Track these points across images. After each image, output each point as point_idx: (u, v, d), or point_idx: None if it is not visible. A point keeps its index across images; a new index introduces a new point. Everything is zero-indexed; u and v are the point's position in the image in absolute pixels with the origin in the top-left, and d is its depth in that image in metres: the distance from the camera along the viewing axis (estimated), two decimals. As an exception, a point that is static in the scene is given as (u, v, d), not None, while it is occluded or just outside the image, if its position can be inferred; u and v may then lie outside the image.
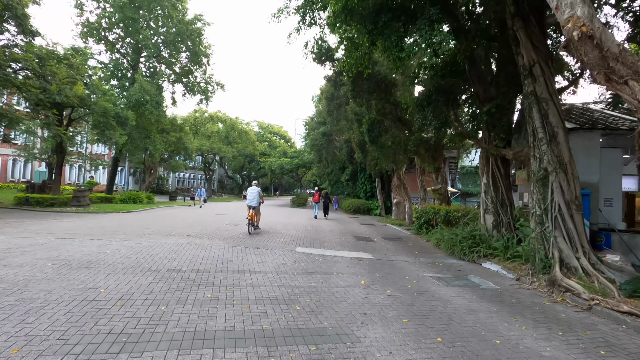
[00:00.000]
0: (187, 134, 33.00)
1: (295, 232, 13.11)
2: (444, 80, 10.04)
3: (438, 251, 10.98)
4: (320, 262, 8.14)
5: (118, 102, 23.28)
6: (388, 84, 15.92)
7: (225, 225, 13.79)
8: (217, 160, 55.83)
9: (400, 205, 22.16)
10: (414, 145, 14.81)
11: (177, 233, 10.94)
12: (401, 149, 16.03)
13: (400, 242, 12.62)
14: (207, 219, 16.18)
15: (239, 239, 10.57)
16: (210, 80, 30.79)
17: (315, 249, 9.85)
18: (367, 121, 15.93)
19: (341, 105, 22.23)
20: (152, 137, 25.44)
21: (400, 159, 18.95)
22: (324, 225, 16.81)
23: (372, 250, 10.52)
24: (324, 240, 11.82)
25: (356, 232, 14.84)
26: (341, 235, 13.56)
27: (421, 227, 14.91)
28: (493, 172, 9.66)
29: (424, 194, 17.81)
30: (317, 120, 34.87)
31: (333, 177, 42.15)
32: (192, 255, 7.79)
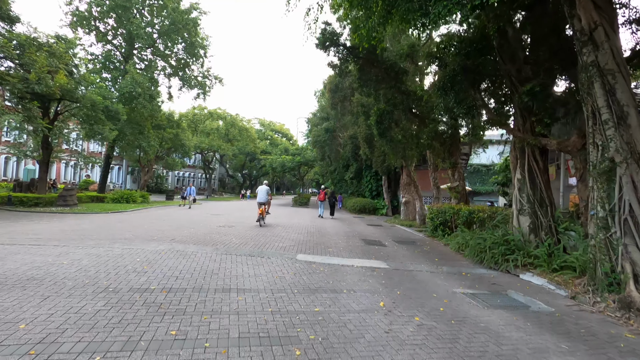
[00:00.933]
0: (184, 130, 31.64)
1: (297, 235, 11.67)
2: (469, 59, 8.55)
3: (461, 258, 9.51)
4: (326, 274, 6.70)
5: (109, 95, 21.92)
6: (398, 71, 14.43)
7: (218, 228, 12.37)
8: (217, 158, 54.49)
9: (409, 205, 20.68)
10: (428, 138, 13.34)
11: (160, 237, 9.52)
12: (413, 143, 14.55)
13: (415, 247, 11.16)
14: (199, 220, 14.77)
15: (231, 244, 9.14)
16: (208, 73, 29.41)
17: (320, 256, 8.41)
18: (375, 112, 14.47)
19: (346, 98, 20.77)
20: (145, 132, 24.07)
21: (411, 154, 17.47)
22: (328, 227, 15.37)
23: (385, 257, 9.06)
24: (329, 244, 10.37)
25: (364, 235, 13.39)
26: (348, 238, 12.11)
27: (436, 229, 13.45)
28: (530, 165, 8.16)
29: (437, 192, 16.33)
30: (320, 115, 33.42)
31: (336, 175, 40.68)
32: (169, 266, 6.36)
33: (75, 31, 23.41)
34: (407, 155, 17.34)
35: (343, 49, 15.01)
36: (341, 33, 15.09)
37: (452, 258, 9.52)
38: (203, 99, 29.10)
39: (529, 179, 8.15)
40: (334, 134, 31.72)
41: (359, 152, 28.49)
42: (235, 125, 44.24)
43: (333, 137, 31.99)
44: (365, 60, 14.80)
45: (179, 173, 57.30)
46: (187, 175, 59.60)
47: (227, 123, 43.84)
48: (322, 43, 14.97)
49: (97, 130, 19.15)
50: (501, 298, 5.99)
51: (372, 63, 14.73)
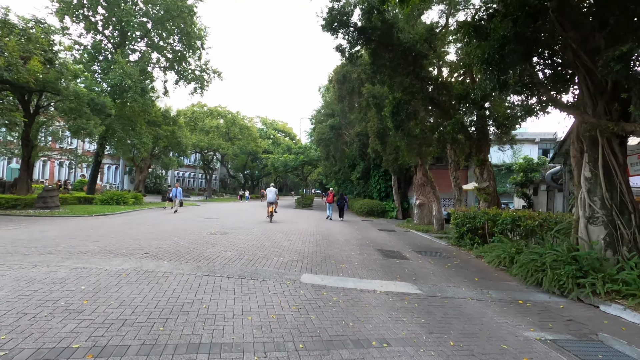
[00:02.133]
0: (181, 127, 29.88)
1: (301, 246, 9.81)
2: (519, 26, 6.66)
3: (506, 277, 7.61)
4: (343, 309, 4.84)
5: (97, 87, 20.21)
6: (417, 55, 12.56)
7: (209, 236, 10.52)
8: (218, 158, 52.78)
9: (424, 207, 18.77)
10: (453, 130, 11.45)
11: (131, 250, 7.70)
12: (433, 138, 12.67)
13: (442, 260, 9.27)
14: (189, 226, 12.95)
15: (219, 259, 7.29)
16: (206, 67, 27.63)
17: (331, 277, 6.54)
18: (390, 102, 12.60)
19: (354, 90, 18.92)
20: (137, 129, 22.32)
21: (428, 150, 15.59)
22: (336, 233, 13.51)
23: (412, 275, 7.19)
24: (340, 257, 8.50)
25: (378, 243, 11.51)
26: (361, 247, 10.24)
27: (462, 237, 11.55)
28: (605, 160, 6.25)
29: (459, 194, 14.43)
30: (325, 112, 31.57)
31: (340, 175, 38.78)
32: (122, 300, 4.52)
33: (62, 20, 21.73)
34: (423, 152, 15.47)
35: (353, 31, 13.20)
36: (351, 12, 13.30)
37: (494, 276, 7.62)
38: (200, 93, 27.37)
39: (604, 178, 6.23)
40: (339, 131, 29.84)
41: (366, 151, 26.61)
42: (236, 123, 42.50)
43: (338, 135, 30.11)
44: (378, 43, 12.96)
45: (179, 173, 55.67)
46: (187, 175, 57.96)
47: (228, 121, 42.11)
48: (330, 24, 13.15)
49: (81, 126, 17.41)
50: (599, 349, 4.10)
51: (386, 46, 12.89)
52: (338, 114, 28.59)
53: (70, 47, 21.38)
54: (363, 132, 25.88)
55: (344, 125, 30.32)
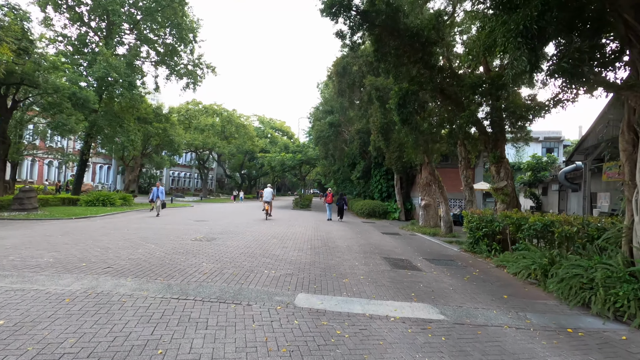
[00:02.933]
0: (173, 125, 28.63)
1: (297, 254, 8.59)
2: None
3: (539, 293, 6.41)
4: (349, 349, 3.62)
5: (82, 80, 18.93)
6: (425, 41, 11.35)
7: (192, 242, 9.29)
8: (214, 157, 51.53)
9: (430, 209, 17.58)
10: (466, 124, 10.26)
11: (93, 263, 6.47)
12: (444, 133, 11.48)
13: (458, 270, 8.07)
14: (172, 230, 11.72)
15: (196, 274, 6.07)
16: (199, 62, 26.39)
17: (332, 297, 5.33)
18: (396, 94, 11.39)
19: (355, 84, 17.73)
20: (125, 126, 21.05)
21: (436, 147, 14.42)
22: (336, 237, 12.30)
23: (429, 292, 5.99)
24: (343, 269, 7.30)
25: (384, 249, 10.31)
26: (365, 256, 9.04)
27: (477, 243, 10.36)
28: (670, 153, 5.06)
29: (470, 194, 13.24)
30: (324, 109, 30.36)
31: (340, 175, 37.55)
32: (46, 343, 3.29)
33: (44, 9, 20.45)
34: (430, 148, 14.28)
35: (355, 15, 11.99)
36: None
37: (525, 293, 6.42)
38: (193, 89, 26.11)
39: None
40: (338, 129, 28.64)
41: (367, 149, 25.42)
42: (232, 121, 41.25)
43: (338, 132, 28.91)
44: (382, 28, 11.76)
45: (174, 173, 54.39)
46: (182, 175, 56.69)
47: (224, 119, 40.85)
48: (329, 7, 11.93)
49: (62, 121, 16.14)
50: None
51: (391, 32, 11.68)
52: (337, 110, 27.39)
53: (54, 39, 20.12)
54: (364, 130, 24.68)
55: (344, 122, 29.12)
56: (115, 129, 20.98)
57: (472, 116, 10.03)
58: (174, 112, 39.81)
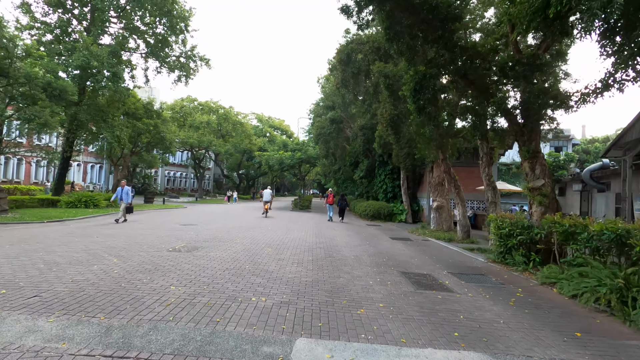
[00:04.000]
0: (165, 121, 26.97)
1: (295, 270, 6.94)
2: None
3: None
4: None
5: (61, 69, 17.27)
6: (446, 18, 9.73)
7: (168, 254, 7.63)
8: (211, 157, 49.87)
9: (443, 211, 15.94)
10: (496, 112, 8.64)
11: (17, 289, 4.82)
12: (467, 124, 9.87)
13: (498, 291, 6.44)
14: (150, 237, 10.06)
15: (155, 307, 4.41)
16: (192, 54, 24.74)
17: (346, 345, 3.68)
18: (411, 78, 9.75)
19: (360, 72, 16.12)
20: (109, 120, 19.40)
21: (453, 142, 12.81)
22: (340, 244, 10.66)
23: (476, 330, 4.35)
24: (355, 291, 5.66)
25: (399, 260, 8.68)
26: (379, 270, 7.41)
27: (509, 253, 8.74)
28: None
29: (493, 195, 11.59)
30: (325, 104, 28.73)
31: (340, 175, 35.97)
32: None
33: (21, -6, 18.79)
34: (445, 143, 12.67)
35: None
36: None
37: (600, 328, 4.78)
38: (185, 82, 24.44)
39: None
40: (340, 125, 27.02)
41: (371, 147, 23.81)
42: (229, 119, 39.57)
43: (339, 129, 27.29)
44: (395, 3, 10.14)
45: (169, 172, 52.70)
46: (178, 175, 54.97)
47: (220, 117, 39.16)
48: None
49: (34, 114, 14.49)
50: None
51: (405, 7, 10.06)
52: (339, 106, 25.76)
53: (30, 25, 18.47)
54: (368, 125, 23.06)
55: (346, 119, 27.50)
56: (98, 124, 19.32)
57: (503, 103, 8.41)
58: (168, 109, 38.24)
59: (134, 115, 24.67)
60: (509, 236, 8.71)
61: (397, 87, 13.18)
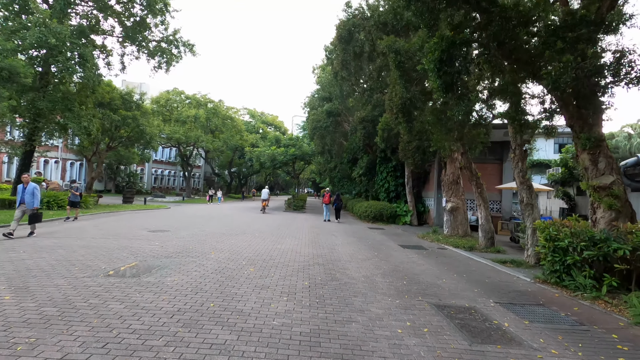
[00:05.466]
0: (146, 114, 24.48)
1: (284, 309, 4.70)
2: None
3: None
4: None
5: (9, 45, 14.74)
6: (478, -31, 7.59)
7: (102, 282, 5.32)
8: (201, 154, 47.34)
9: (458, 213, 13.85)
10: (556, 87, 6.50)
11: None
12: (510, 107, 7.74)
13: (588, 341, 4.28)
14: (94, 250, 7.75)
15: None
16: (174, 38, 22.27)
17: None
18: (436, 46, 7.54)
19: (362, 54, 13.92)
20: (76, 110, 16.93)
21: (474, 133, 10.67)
22: (344, 257, 8.46)
23: None
24: (378, 354, 3.47)
25: (424, 282, 6.51)
26: (404, 303, 5.23)
27: (568, 272, 6.63)
28: None
29: (528, 195, 9.47)
30: (321, 95, 26.47)
31: (337, 173, 33.76)
32: None
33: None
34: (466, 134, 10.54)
35: None
36: None
37: None
38: (166, 70, 21.94)
39: None
40: (337, 118, 24.81)
41: (371, 142, 21.66)
42: (219, 113, 37.07)
43: (337, 123, 25.08)
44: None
45: (156, 170, 50.06)
46: (165, 173, 52.32)
47: (209, 111, 36.64)
48: None
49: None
50: None
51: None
52: (337, 97, 23.53)
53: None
54: (369, 118, 20.91)
55: (344, 111, 25.29)
56: (63, 112, 16.86)
57: (562, 76, 6.25)
58: (153, 102, 35.70)
59: (110, 105, 22.18)
60: (568, 250, 6.60)
61: (410, 65, 10.99)
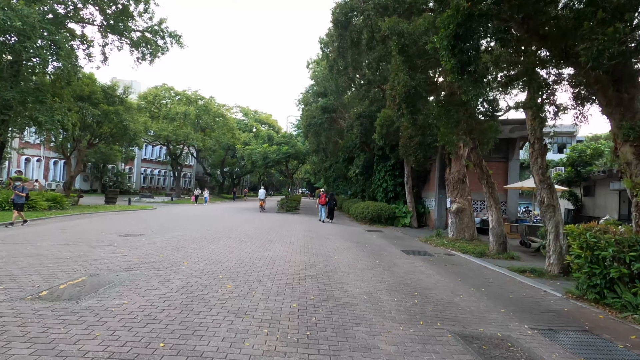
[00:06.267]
0: (130, 109, 23.06)
1: (261, 349, 3.50)
2: None
3: None
4: None
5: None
6: None
7: (21, 308, 4.07)
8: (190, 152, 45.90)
9: (464, 215, 12.73)
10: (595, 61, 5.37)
11: None
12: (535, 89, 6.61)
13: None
14: (46, 259, 6.45)
15: None
16: (159, 28, 20.92)
17: None
18: (449, 20, 6.38)
19: (361, 40, 12.74)
20: (48, 102, 15.55)
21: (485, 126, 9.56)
22: (342, 268, 7.26)
23: None
24: None
25: (440, 302, 5.33)
26: (419, 332, 4.04)
27: (609, 288, 5.52)
28: None
29: (549, 195, 8.34)
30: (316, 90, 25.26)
31: (332, 172, 32.60)
32: None
33: None
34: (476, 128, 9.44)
35: None
36: None
37: None
38: (150, 61, 20.55)
39: None
40: (332, 115, 23.61)
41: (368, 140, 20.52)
42: (209, 110, 35.60)
43: (332, 120, 23.88)
44: None
45: (146, 170, 48.49)
46: (156, 172, 50.73)
47: (199, 108, 35.16)
48: None
49: None
50: None
51: None
52: (332, 92, 22.35)
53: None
54: (366, 113, 19.77)
55: (339, 108, 24.13)
56: (36, 105, 15.46)
57: (612, 46, 5.13)
58: (141, 98, 34.19)
59: (90, 99, 20.77)
60: (613, 261, 5.48)
61: (414, 51, 9.84)
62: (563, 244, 8.06)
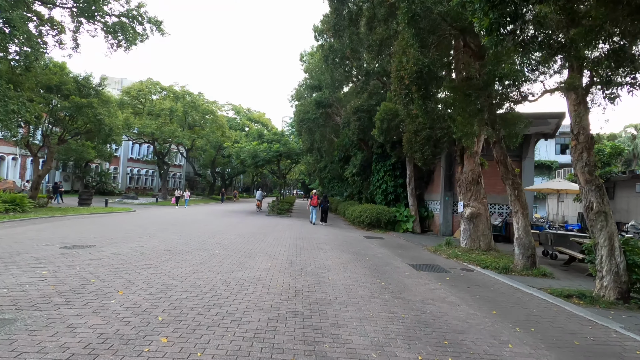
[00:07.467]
0: (106, 102, 21.03)
1: None
2: None
3: None
4: None
5: None
6: None
7: None
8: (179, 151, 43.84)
9: (479, 221, 10.97)
10: None
11: None
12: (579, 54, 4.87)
13: None
14: None
15: None
16: (138, 13, 19.00)
17: None
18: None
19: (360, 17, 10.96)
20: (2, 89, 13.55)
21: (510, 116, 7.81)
22: (339, 297, 5.45)
23: None
24: None
25: (476, 353, 3.54)
26: None
27: None
28: None
29: (599, 199, 6.52)
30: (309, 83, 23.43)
31: (327, 173, 30.77)
32: None
33: None
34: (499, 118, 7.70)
35: None
36: None
37: None
38: (126, 48, 18.64)
39: None
40: (328, 110, 21.82)
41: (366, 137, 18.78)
42: (198, 107, 33.64)
43: (327, 115, 22.10)
44: None
45: (132, 170, 46.24)
46: (143, 172, 48.48)
47: (187, 104, 33.19)
48: None
49: None
50: None
51: None
52: (327, 85, 20.56)
53: None
54: (364, 107, 18.01)
55: (335, 103, 22.34)
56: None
57: None
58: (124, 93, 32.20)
59: (59, 90, 18.76)
60: None
61: (426, 24, 8.07)
62: (620, 262, 6.34)
